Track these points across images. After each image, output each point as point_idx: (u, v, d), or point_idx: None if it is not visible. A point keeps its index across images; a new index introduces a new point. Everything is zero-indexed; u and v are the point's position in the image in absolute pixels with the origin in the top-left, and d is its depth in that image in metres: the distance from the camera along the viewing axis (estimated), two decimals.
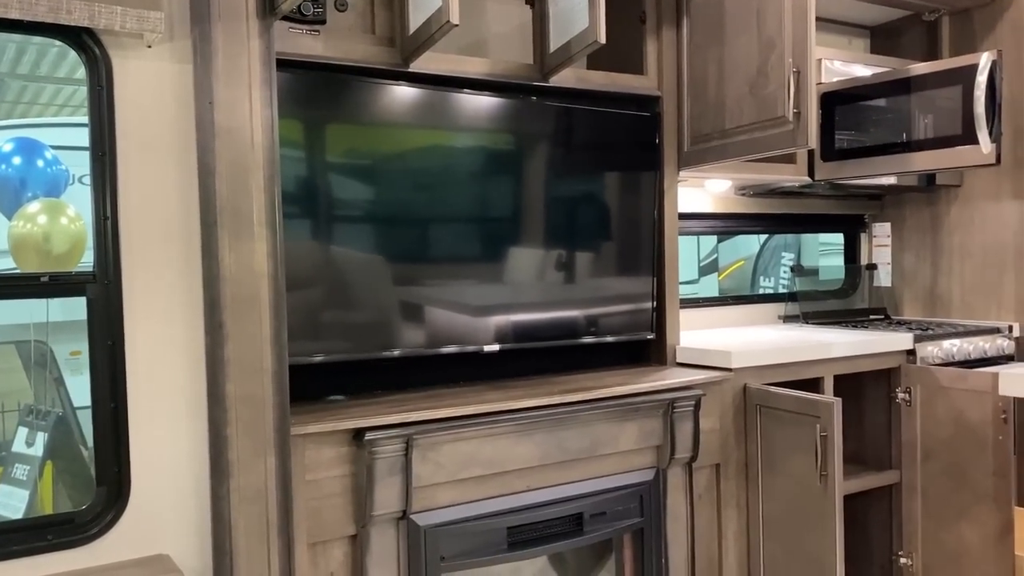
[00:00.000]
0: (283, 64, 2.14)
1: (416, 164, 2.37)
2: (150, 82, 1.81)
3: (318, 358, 2.20)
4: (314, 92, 2.20)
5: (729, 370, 2.65)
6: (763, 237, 5.77)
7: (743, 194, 3.46)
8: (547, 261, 2.61)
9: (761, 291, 5.72)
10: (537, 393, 2.30)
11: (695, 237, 5.71)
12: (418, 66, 2.32)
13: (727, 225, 3.54)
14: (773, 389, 2.61)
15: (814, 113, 2.37)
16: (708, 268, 6.22)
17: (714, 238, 5.90)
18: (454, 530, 2.15)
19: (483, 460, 2.19)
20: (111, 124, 1.76)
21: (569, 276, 2.66)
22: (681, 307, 3.26)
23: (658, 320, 2.82)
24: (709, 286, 6.05)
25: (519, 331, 2.55)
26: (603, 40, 2.20)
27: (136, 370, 1.79)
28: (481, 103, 2.46)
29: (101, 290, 1.80)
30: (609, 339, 2.73)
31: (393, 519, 2.07)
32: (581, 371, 2.70)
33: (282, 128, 2.13)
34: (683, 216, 3.23)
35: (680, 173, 2.84)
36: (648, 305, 2.80)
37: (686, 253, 6.02)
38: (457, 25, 2.02)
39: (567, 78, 2.60)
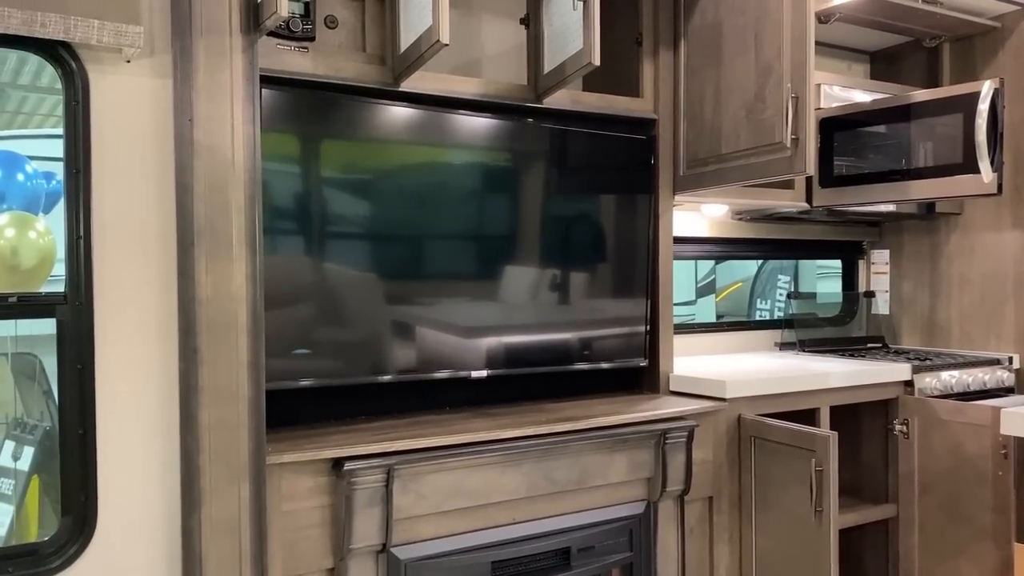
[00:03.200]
0: (270, 81, 2.09)
1: (406, 184, 2.32)
2: (128, 97, 1.75)
3: (299, 383, 2.14)
4: (302, 110, 2.14)
5: (723, 400, 2.58)
6: (761, 260, 5.73)
7: (740, 219, 3.41)
8: (538, 284, 2.55)
9: (758, 313, 5.68)
10: (525, 422, 2.23)
11: (701, 260, 5.68)
12: (409, 85, 2.27)
13: (723, 250, 3.49)
14: (768, 421, 2.54)
15: (812, 139, 2.31)
16: (705, 289, 6.18)
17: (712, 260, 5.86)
18: (436, 564, 2.08)
19: (467, 491, 2.12)
20: (86, 140, 1.70)
21: (561, 300, 2.60)
22: (676, 333, 3.20)
23: (651, 346, 2.76)
24: (706, 307, 6.02)
25: (509, 356, 2.48)
26: (597, 62, 2.15)
27: (106, 395, 1.72)
28: (473, 124, 2.41)
29: (72, 311, 1.74)
30: (601, 365, 2.67)
31: (373, 552, 2.00)
32: (571, 398, 2.63)
33: (268, 145, 2.08)
34: (679, 240, 3.17)
35: (675, 197, 2.79)
36: (641, 330, 2.74)
37: (683, 274, 5.99)
38: (447, 45, 1.98)
39: (561, 100, 2.55)
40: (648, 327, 2.75)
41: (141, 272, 1.76)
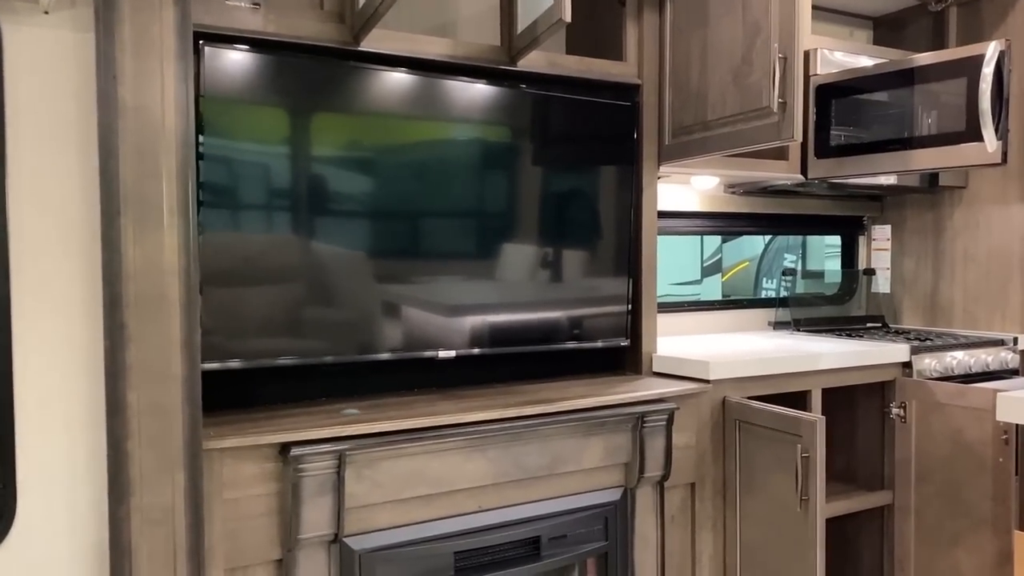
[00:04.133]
0: (218, 39, 1.95)
1: (365, 151, 2.17)
2: (47, 52, 1.61)
3: (249, 363, 2.01)
4: (254, 72, 2.00)
5: (707, 382, 2.44)
6: (768, 238, 5.60)
7: (733, 192, 3.26)
8: (511, 261, 2.41)
9: (763, 293, 5.55)
10: (492, 405, 2.10)
11: (698, 237, 5.55)
12: (370, 45, 2.13)
13: (716, 225, 3.34)
14: (754, 404, 2.40)
15: (800, 103, 2.15)
16: (711, 269, 6.06)
17: (719, 238, 5.73)
18: (393, 555, 1.96)
19: (429, 478, 2.00)
20: (0, 98, 1.57)
21: (536, 278, 2.46)
22: (665, 311, 3.08)
23: (634, 325, 2.62)
24: (712, 287, 5.90)
25: (477, 336, 2.35)
26: (568, 18, 2.00)
27: (25, 375, 1.59)
28: (440, 88, 2.26)
29: None
30: (580, 345, 2.53)
31: (324, 542, 1.88)
32: (547, 380, 2.50)
33: (213, 110, 1.94)
34: (666, 215, 3.04)
35: (661, 168, 2.64)
36: (622, 309, 2.60)
37: (688, 253, 5.86)
38: None
39: (537, 62, 2.40)
40: (630, 305, 2.61)
41: (64, 242, 1.63)
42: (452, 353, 2.28)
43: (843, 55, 2.94)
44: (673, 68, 2.55)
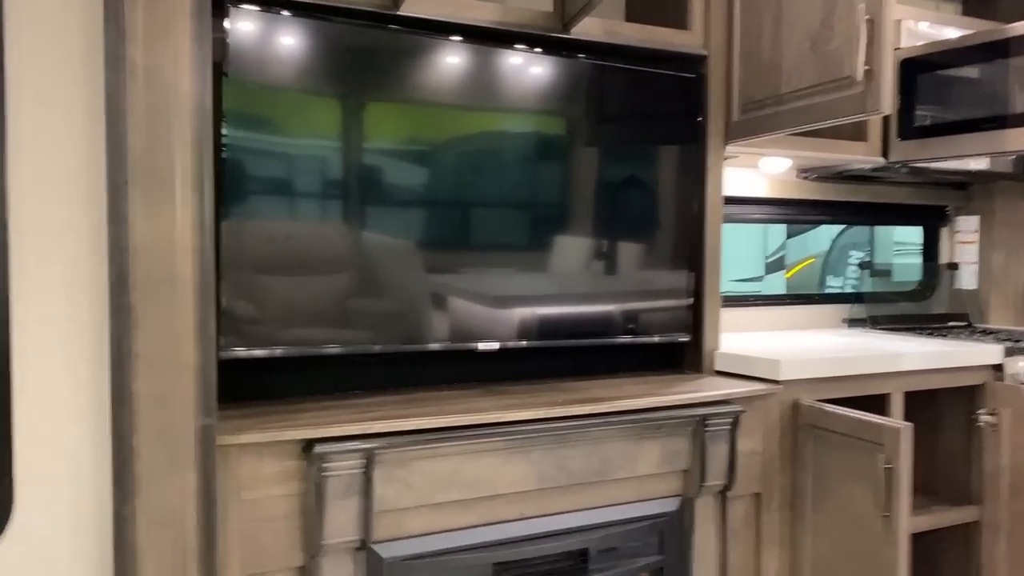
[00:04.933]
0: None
1: (403, 129, 2.00)
2: (51, 6, 1.47)
3: (273, 351, 1.86)
4: (282, 35, 1.84)
5: (777, 382, 2.22)
6: (835, 233, 5.32)
7: (806, 177, 3.01)
8: (561, 247, 2.22)
9: (828, 291, 5.27)
10: (537, 402, 1.91)
11: (762, 228, 5.30)
12: (409, 9, 1.96)
13: (785, 213, 3.09)
14: (828, 408, 2.17)
15: (890, 71, 1.92)
16: (775, 265, 5.80)
17: (783, 232, 5.47)
18: (426, 564, 1.78)
19: (465, 481, 1.82)
20: (0, 57, 1.43)
21: (590, 267, 2.26)
22: (730, 306, 2.86)
23: (696, 319, 2.40)
24: (775, 284, 5.64)
25: (524, 328, 2.16)
26: None
27: (25, 360, 1.46)
28: (484, 56, 2.08)
29: None
30: (635, 340, 2.32)
31: (350, 549, 1.71)
32: (598, 376, 2.30)
33: (237, 83, 1.79)
34: (732, 200, 2.81)
35: (728, 147, 2.42)
36: (684, 302, 2.38)
37: (750, 248, 5.60)
38: None
39: (593, 30, 2.20)
40: (692, 298, 2.39)
41: (69, 214, 1.49)
42: (495, 345, 2.10)
43: (929, 27, 2.68)
44: (743, 36, 2.32)
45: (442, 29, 2.03)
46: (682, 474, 2.10)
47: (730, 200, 2.79)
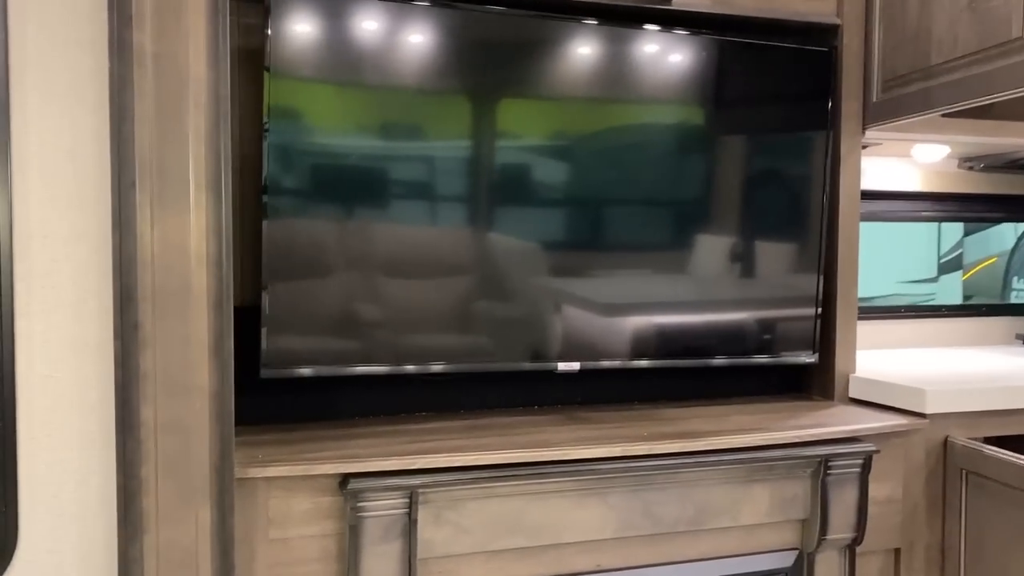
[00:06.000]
0: None
1: (482, 116, 1.78)
2: None
3: (306, 370, 1.67)
4: (327, 15, 1.66)
5: (922, 415, 1.83)
6: (1020, 229, 4.69)
7: (969, 167, 2.57)
8: (661, 250, 1.93)
9: (1013, 295, 4.66)
10: (617, 436, 1.64)
11: (935, 225, 4.77)
12: None
13: (945, 210, 2.67)
14: (989, 450, 1.77)
15: None
16: (950, 265, 5.19)
17: (959, 229, 4.90)
18: None
19: (529, 526, 1.57)
20: (4, 49, 1.31)
21: (692, 273, 1.95)
22: (872, 318, 2.46)
23: (824, 337, 2.04)
24: (950, 286, 5.05)
25: (615, 344, 1.88)
26: None
27: (31, 382, 1.34)
28: (577, 31, 1.81)
29: None
30: (744, 360, 2.00)
31: None
32: (706, 402, 1.99)
33: (282, 73, 1.62)
34: (879, 195, 2.41)
35: (866, 132, 2.04)
36: (810, 313, 2.03)
37: (921, 244, 5.05)
38: None
39: (701, 0, 1.89)
40: (820, 310, 2.03)
41: (76, 222, 1.36)
42: (575, 366, 1.83)
43: None
44: (885, 1, 1.94)
45: (520, 4, 1.78)
46: (799, 524, 1.77)
47: (877, 195, 2.40)
